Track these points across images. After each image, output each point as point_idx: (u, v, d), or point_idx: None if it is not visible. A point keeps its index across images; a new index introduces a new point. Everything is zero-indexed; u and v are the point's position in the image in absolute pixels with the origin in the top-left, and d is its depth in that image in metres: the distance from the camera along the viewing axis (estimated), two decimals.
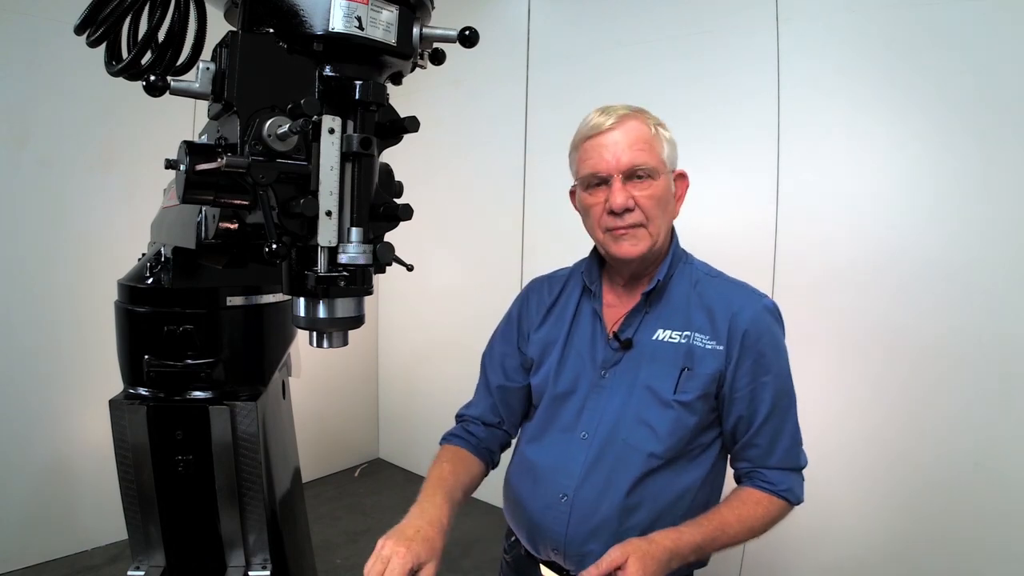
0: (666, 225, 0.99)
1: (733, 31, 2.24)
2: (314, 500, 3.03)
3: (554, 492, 0.98)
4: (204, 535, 1.00)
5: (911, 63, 1.90)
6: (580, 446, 0.99)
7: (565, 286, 1.11)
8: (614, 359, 0.99)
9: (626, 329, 0.99)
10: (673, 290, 1.00)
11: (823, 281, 2.08)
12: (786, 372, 1.00)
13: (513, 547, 1.12)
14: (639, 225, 0.95)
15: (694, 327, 0.97)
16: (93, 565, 2.43)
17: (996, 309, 1.78)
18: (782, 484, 0.97)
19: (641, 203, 0.94)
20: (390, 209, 0.74)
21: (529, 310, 1.12)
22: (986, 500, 1.79)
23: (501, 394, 1.12)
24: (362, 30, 0.69)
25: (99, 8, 0.76)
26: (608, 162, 0.94)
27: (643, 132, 0.96)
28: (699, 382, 0.94)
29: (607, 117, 0.96)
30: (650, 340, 0.98)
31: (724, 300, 0.98)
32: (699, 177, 2.31)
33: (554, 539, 0.98)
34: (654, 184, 0.95)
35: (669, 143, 0.99)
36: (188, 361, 0.95)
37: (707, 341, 0.95)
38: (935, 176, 1.89)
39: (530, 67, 2.87)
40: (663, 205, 0.96)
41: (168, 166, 0.73)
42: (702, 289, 1.00)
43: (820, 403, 2.10)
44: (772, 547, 2.22)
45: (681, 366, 0.95)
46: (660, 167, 0.96)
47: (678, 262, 1.03)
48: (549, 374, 1.05)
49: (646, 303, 1.00)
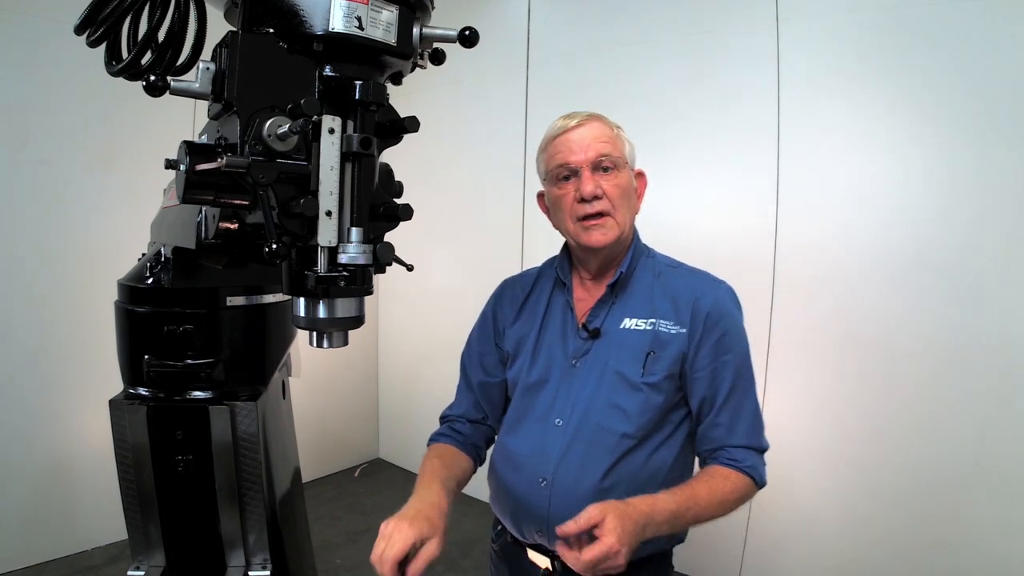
0: (630, 217, 1.06)
1: (733, 31, 2.24)
2: (314, 500, 3.03)
3: (534, 477, 1.03)
4: (204, 535, 1.00)
5: (911, 63, 1.90)
6: (556, 432, 1.04)
7: (536, 283, 1.17)
8: (584, 348, 1.05)
9: (594, 319, 1.06)
10: (637, 281, 1.07)
11: (823, 280, 2.08)
12: (745, 353, 1.06)
13: (500, 536, 1.17)
14: (606, 214, 1.02)
15: (658, 314, 1.03)
16: (93, 565, 2.43)
17: (996, 308, 1.78)
18: (746, 461, 1.01)
19: (608, 192, 1.01)
20: (390, 209, 0.74)
21: (503, 307, 1.18)
22: (987, 499, 1.79)
23: (483, 390, 1.18)
24: (362, 30, 0.69)
25: (99, 8, 0.76)
26: (577, 155, 1.02)
27: (606, 130, 1.05)
28: (664, 363, 1.01)
29: (572, 119, 1.05)
30: (617, 329, 1.04)
31: (686, 287, 1.05)
32: (699, 177, 2.35)
33: (537, 521, 1.03)
34: (619, 175, 1.03)
35: (629, 144, 1.08)
36: (188, 361, 0.95)
37: (671, 326, 1.02)
38: (935, 175, 1.89)
39: (530, 67, 2.87)
40: (627, 197, 1.04)
41: (168, 166, 0.73)
42: (665, 279, 1.07)
43: (820, 402, 2.11)
44: (772, 547, 2.22)
45: (647, 350, 1.01)
46: (623, 160, 1.04)
47: (640, 255, 1.10)
48: (523, 366, 1.11)
49: (612, 294, 1.06)
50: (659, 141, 2.43)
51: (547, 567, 1.06)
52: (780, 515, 2.20)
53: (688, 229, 2.32)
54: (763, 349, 2.20)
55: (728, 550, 2.31)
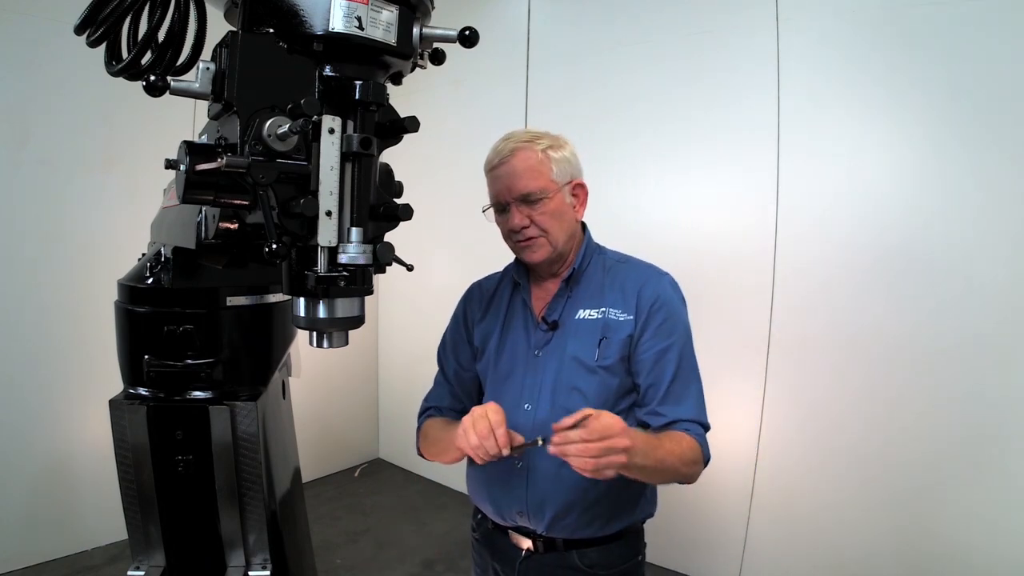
0: (564, 231, 1.13)
1: (733, 31, 2.25)
2: (314, 500, 3.03)
3: (510, 461, 1.09)
4: (204, 535, 1.00)
5: (910, 63, 1.90)
6: (526, 416, 1.12)
7: (499, 285, 1.27)
8: (545, 339, 1.15)
9: (552, 313, 1.15)
10: (589, 276, 1.17)
11: (823, 280, 2.08)
12: (687, 338, 1.13)
13: (481, 524, 1.25)
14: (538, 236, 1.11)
15: (607, 303, 1.13)
16: (93, 565, 2.43)
17: (996, 308, 1.78)
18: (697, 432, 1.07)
19: (536, 220, 1.10)
20: (390, 209, 0.74)
21: (472, 306, 1.28)
22: (986, 499, 1.79)
23: (458, 380, 1.26)
24: (362, 30, 0.69)
25: (99, 8, 0.76)
26: (504, 192, 1.11)
27: (532, 160, 1.11)
28: (615, 348, 1.10)
29: (503, 149, 1.13)
30: (573, 320, 1.14)
31: (632, 278, 1.14)
32: (699, 177, 2.35)
33: (518, 502, 1.11)
34: (547, 203, 1.10)
35: (559, 162, 1.13)
36: (188, 361, 0.95)
37: (620, 314, 1.11)
38: (935, 175, 1.89)
39: (530, 67, 2.87)
40: (558, 217, 1.12)
41: (168, 166, 0.73)
42: (614, 273, 1.17)
43: (821, 402, 2.11)
44: (772, 547, 2.22)
45: (599, 336, 1.11)
46: (549, 187, 1.11)
47: (592, 253, 1.19)
48: (490, 359, 1.20)
49: (567, 288, 1.16)
50: (659, 141, 2.44)
51: (528, 547, 1.13)
52: (780, 515, 2.20)
53: (688, 229, 2.32)
54: (763, 349, 2.20)
55: (728, 550, 2.31)
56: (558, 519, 1.09)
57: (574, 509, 1.08)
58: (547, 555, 1.12)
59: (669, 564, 2.45)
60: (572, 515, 1.09)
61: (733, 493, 2.29)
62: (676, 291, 1.15)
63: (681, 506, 2.36)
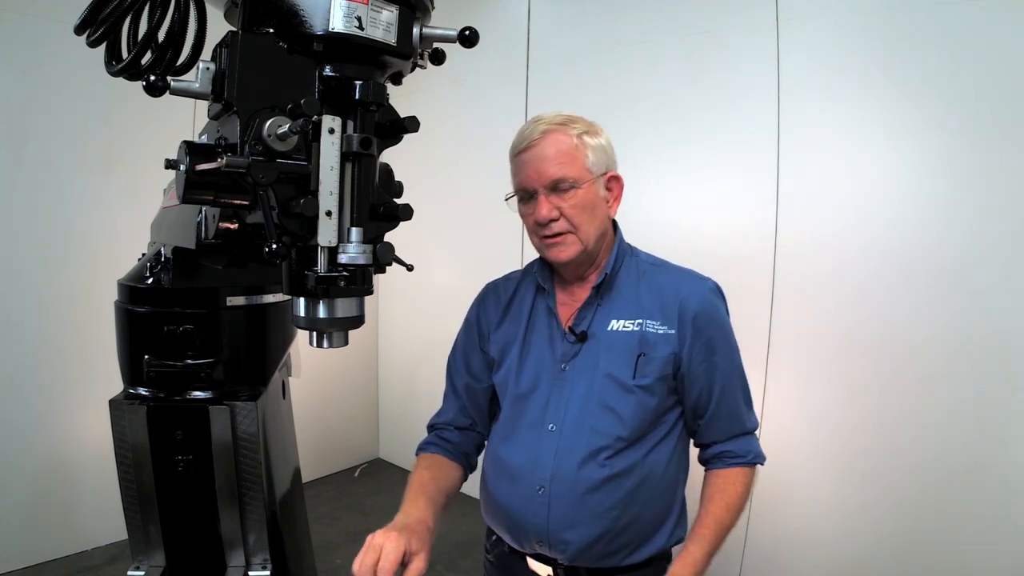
0: (596, 228, 1.02)
1: (733, 31, 2.24)
2: (314, 500, 3.03)
3: (531, 486, 1.01)
4: (204, 535, 1.00)
5: (911, 63, 1.90)
6: (550, 438, 1.02)
7: (519, 287, 1.15)
8: (572, 352, 1.04)
9: (580, 322, 1.04)
10: (621, 282, 1.05)
11: (823, 280, 2.08)
12: (734, 346, 1.06)
13: (495, 546, 1.15)
14: (567, 232, 1.00)
15: (645, 315, 1.02)
16: (93, 565, 2.43)
17: (997, 307, 1.78)
18: (749, 452, 1.04)
19: (566, 212, 0.99)
20: (390, 209, 0.74)
21: (487, 311, 1.16)
22: (987, 499, 1.79)
23: (469, 395, 1.15)
24: (362, 30, 0.69)
25: (99, 8, 0.76)
26: (532, 178, 1.00)
27: (565, 145, 0.99)
28: (655, 365, 1.00)
29: (532, 131, 1.01)
30: (605, 331, 1.03)
31: (672, 287, 1.04)
32: (699, 177, 2.34)
33: (537, 531, 1.01)
34: (578, 193, 0.99)
35: (596, 149, 1.02)
36: (188, 361, 0.95)
37: (659, 327, 1.01)
38: (935, 175, 1.89)
39: (530, 67, 2.87)
40: (590, 211, 1.00)
41: (168, 166, 0.73)
42: (649, 278, 1.06)
43: (820, 402, 2.11)
44: (772, 547, 2.22)
45: (637, 352, 1.00)
46: (583, 176, 0.99)
47: (623, 256, 1.08)
48: (510, 372, 1.09)
49: (597, 296, 1.05)
50: (659, 141, 2.43)
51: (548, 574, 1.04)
52: (780, 515, 2.20)
53: (688, 229, 2.32)
54: (763, 349, 2.20)
55: (728, 550, 2.29)
56: (585, 549, 0.99)
57: (602, 539, 0.99)
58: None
59: None
60: (600, 544, 0.99)
61: None
62: (720, 298, 1.07)
63: None
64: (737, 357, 1.07)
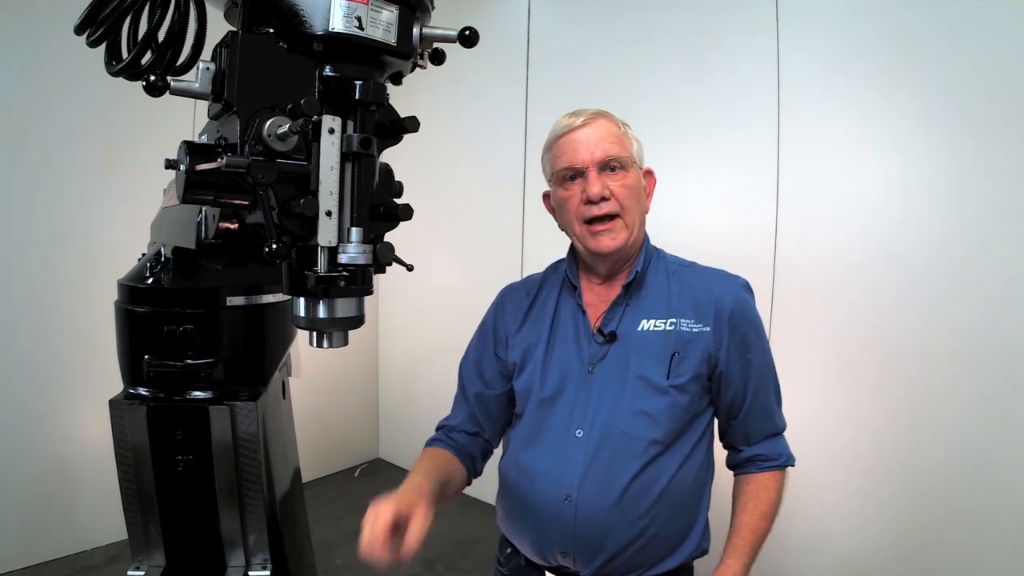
0: (640, 217, 1.03)
1: (733, 31, 2.24)
2: (314, 500, 3.02)
3: (557, 495, 0.97)
4: (204, 535, 1.00)
5: (911, 62, 1.90)
6: (577, 444, 0.98)
7: (541, 289, 1.12)
8: (601, 353, 1.00)
9: (609, 323, 1.02)
10: (650, 282, 1.04)
11: (823, 281, 2.08)
12: (766, 344, 1.05)
13: (510, 559, 1.10)
14: (615, 216, 0.98)
15: (677, 313, 1.00)
16: (93, 565, 2.43)
17: (998, 308, 1.78)
18: (780, 455, 1.04)
19: (616, 193, 0.98)
20: (390, 209, 0.74)
21: (505, 315, 1.13)
22: (988, 501, 1.79)
23: (479, 402, 1.12)
24: (362, 30, 0.69)
25: (99, 8, 0.76)
26: (583, 155, 0.98)
27: (613, 128, 1.01)
28: (690, 364, 0.98)
29: (578, 117, 1.01)
30: (635, 332, 1.00)
31: (704, 286, 1.03)
32: (699, 177, 2.34)
33: (562, 542, 0.97)
34: (627, 175, 0.99)
35: (637, 141, 1.05)
36: (188, 361, 0.95)
37: (693, 325, 0.99)
38: (936, 175, 1.89)
39: (530, 67, 2.87)
40: (636, 196, 1.01)
41: (168, 166, 0.73)
42: (680, 278, 1.04)
43: (821, 403, 2.10)
44: (772, 547, 2.22)
45: (672, 351, 0.98)
46: (631, 160, 1.01)
47: (652, 255, 1.07)
48: (534, 376, 1.05)
49: (626, 295, 1.02)
50: (659, 141, 2.43)
51: None
52: (782, 516, 2.19)
53: (688, 229, 2.32)
54: None
55: None
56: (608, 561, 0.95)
57: (629, 549, 0.95)
58: None
59: None
60: (627, 553, 0.95)
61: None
62: (751, 295, 1.06)
63: None
64: (770, 356, 1.05)
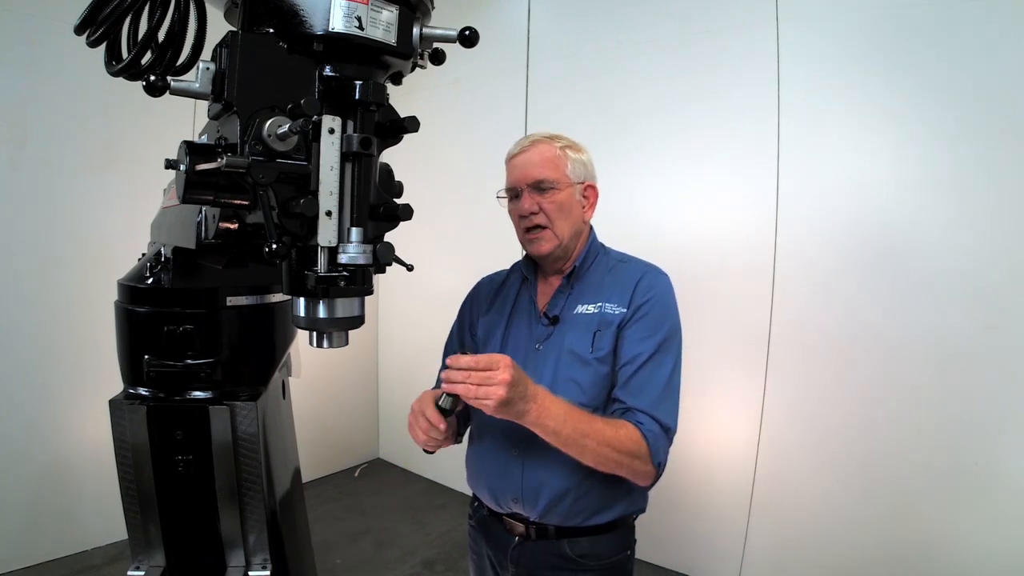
0: (571, 226, 1.19)
1: (733, 30, 2.25)
2: (314, 500, 3.03)
3: (507, 450, 1.15)
4: (204, 535, 1.00)
5: (911, 62, 1.90)
6: None
7: (507, 280, 1.33)
8: (546, 333, 1.19)
9: (553, 308, 1.21)
10: (591, 274, 1.22)
11: (823, 280, 2.08)
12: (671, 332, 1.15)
13: (477, 511, 1.30)
14: (543, 227, 1.16)
15: (604, 299, 1.17)
16: (93, 565, 2.43)
17: (997, 308, 1.78)
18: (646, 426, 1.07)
19: (545, 208, 1.16)
20: (390, 209, 0.74)
21: (478, 301, 1.34)
22: (987, 499, 1.79)
23: None
24: (362, 30, 0.69)
25: (99, 8, 0.76)
26: (518, 178, 1.19)
27: (549, 153, 1.18)
28: (608, 339, 1.13)
29: (523, 141, 1.21)
30: (572, 315, 1.18)
31: (630, 275, 1.19)
32: (699, 177, 2.34)
33: (512, 489, 1.15)
34: (557, 194, 1.16)
35: (575, 162, 1.19)
36: (188, 361, 0.95)
37: (615, 308, 1.16)
38: (935, 175, 1.89)
39: (530, 67, 2.87)
40: (566, 211, 1.18)
41: (168, 166, 0.73)
42: (616, 272, 1.21)
43: (821, 401, 2.11)
44: (772, 547, 2.22)
45: (594, 330, 1.15)
46: (563, 180, 1.17)
47: (595, 253, 1.24)
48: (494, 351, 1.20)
49: (569, 284, 1.21)
50: (659, 141, 2.44)
51: (521, 533, 1.18)
52: (780, 515, 2.20)
53: (688, 229, 2.32)
54: (763, 349, 2.20)
55: (728, 550, 2.31)
56: (551, 505, 1.12)
57: (567, 496, 1.12)
58: (539, 542, 1.16)
59: (669, 563, 2.45)
60: (565, 502, 1.12)
61: (733, 492, 2.29)
62: (668, 287, 1.19)
63: (682, 505, 2.36)
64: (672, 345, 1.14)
